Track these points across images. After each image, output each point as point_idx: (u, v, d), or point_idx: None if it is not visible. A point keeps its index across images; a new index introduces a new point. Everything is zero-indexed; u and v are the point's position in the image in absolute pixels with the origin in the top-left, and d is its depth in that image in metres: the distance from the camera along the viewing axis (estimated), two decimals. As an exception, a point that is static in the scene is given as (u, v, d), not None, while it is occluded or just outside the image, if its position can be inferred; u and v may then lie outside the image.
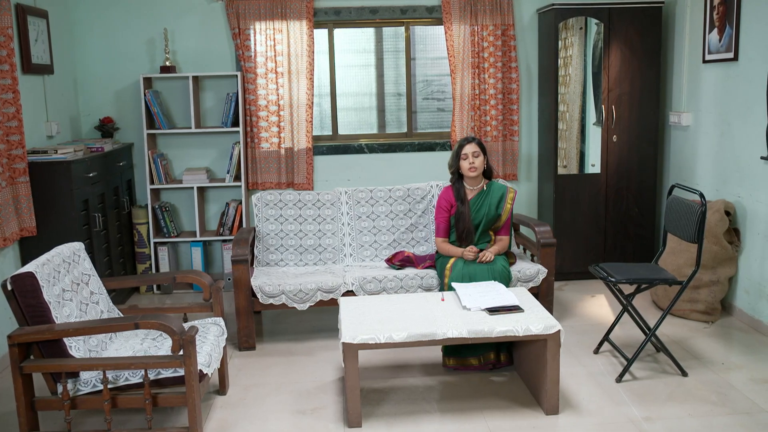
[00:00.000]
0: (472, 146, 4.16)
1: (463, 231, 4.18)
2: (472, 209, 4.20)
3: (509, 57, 5.61)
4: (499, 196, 4.23)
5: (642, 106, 5.34)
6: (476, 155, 4.15)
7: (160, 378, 3.01)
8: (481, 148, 4.18)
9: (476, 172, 4.16)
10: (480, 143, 4.19)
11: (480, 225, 4.19)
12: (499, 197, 4.23)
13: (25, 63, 4.50)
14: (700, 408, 3.39)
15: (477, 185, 4.24)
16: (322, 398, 3.60)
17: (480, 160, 4.16)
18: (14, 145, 4.13)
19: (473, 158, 4.15)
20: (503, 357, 3.89)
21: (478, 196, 4.22)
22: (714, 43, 4.76)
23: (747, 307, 4.52)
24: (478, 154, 4.15)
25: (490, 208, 4.19)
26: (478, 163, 4.15)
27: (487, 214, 4.18)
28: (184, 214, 5.74)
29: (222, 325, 3.53)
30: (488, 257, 4.05)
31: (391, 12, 5.61)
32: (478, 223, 4.19)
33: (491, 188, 4.25)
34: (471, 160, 4.15)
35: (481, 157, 4.16)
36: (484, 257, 4.04)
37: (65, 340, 2.99)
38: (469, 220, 4.17)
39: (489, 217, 4.18)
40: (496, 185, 4.28)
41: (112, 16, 5.42)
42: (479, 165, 4.16)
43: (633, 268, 3.89)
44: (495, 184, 4.28)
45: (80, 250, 3.46)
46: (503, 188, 4.27)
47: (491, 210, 4.19)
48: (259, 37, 5.41)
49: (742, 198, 4.53)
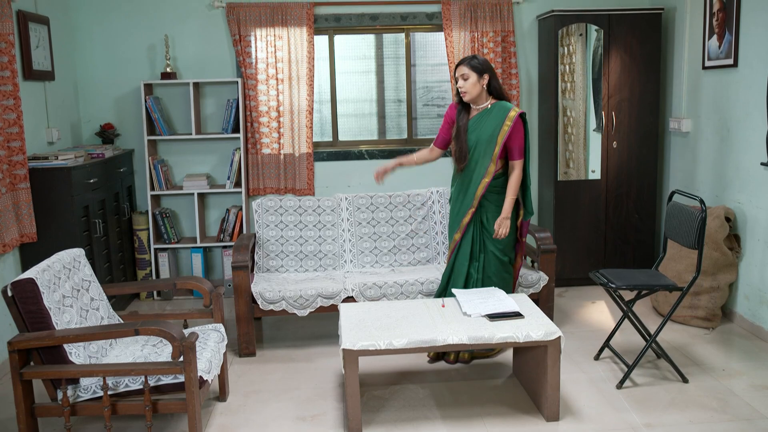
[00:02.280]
0: (461, 68, 3.88)
1: (458, 151, 3.97)
2: (469, 129, 3.94)
3: (509, 63, 5.62)
4: (499, 117, 3.89)
5: (642, 113, 5.35)
6: (465, 77, 3.85)
7: (160, 384, 3.01)
8: (474, 68, 3.84)
9: (468, 96, 3.87)
10: (472, 63, 3.86)
11: (475, 147, 3.92)
12: (499, 118, 3.89)
13: (26, 69, 4.51)
14: (700, 414, 3.39)
15: (481, 105, 3.95)
16: (323, 405, 3.59)
17: (470, 83, 3.85)
18: (15, 151, 4.13)
19: (462, 81, 3.87)
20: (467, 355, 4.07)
21: (479, 116, 3.94)
22: (714, 50, 4.77)
23: (747, 313, 4.52)
24: (468, 76, 3.84)
25: (486, 128, 3.89)
26: (468, 85, 3.85)
27: (481, 135, 3.89)
28: (185, 220, 5.74)
29: (222, 331, 3.52)
30: (503, 233, 3.91)
31: (391, 18, 5.63)
32: (473, 144, 3.93)
33: (494, 108, 3.92)
34: (460, 84, 3.88)
35: (471, 78, 3.84)
36: (499, 233, 3.91)
37: (65, 346, 2.98)
38: (463, 140, 3.93)
39: (482, 138, 3.89)
40: (500, 105, 3.92)
41: (113, 23, 5.43)
42: (469, 88, 3.85)
43: (633, 274, 3.89)
44: (500, 104, 3.93)
45: (80, 256, 3.47)
46: (507, 109, 3.89)
47: (486, 130, 3.89)
48: (260, 43, 5.42)
49: (743, 204, 4.53)
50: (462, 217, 4.02)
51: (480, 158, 3.92)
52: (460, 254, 4.04)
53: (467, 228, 4.02)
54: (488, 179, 3.91)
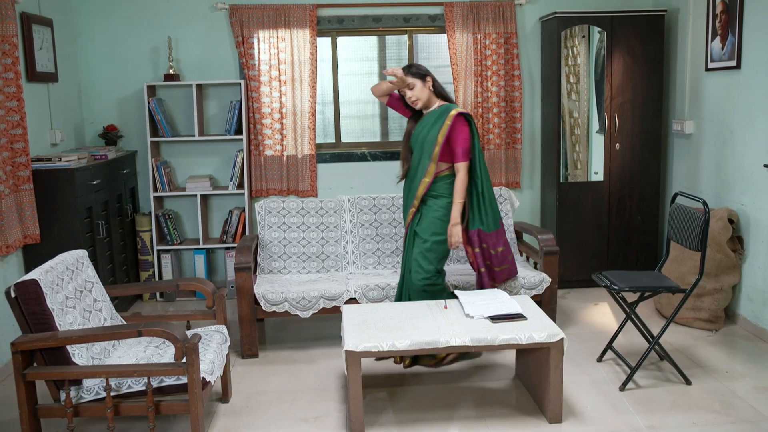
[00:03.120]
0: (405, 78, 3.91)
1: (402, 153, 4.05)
2: (416, 129, 3.96)
3: (512, 65, 5.62)
4: (442, 117, 3.87)
5: (645, 114, 5.35)
6: (411, 86, 3.87)
7: (162, 386, 3.01)
8: (415, 75, 3.86)
9: (420, 102, 3.89)
10: (411, 71, 3.87)
11: (421, 146, 3.90)
12: (441, 118, 3.87)
13: (30, 71, 4.52)
14: (703, 416, 3.38)
15: (432, 108, 3.96)
16: (325, 406, 3.59)
17: (418, 89, 3.87)
18: (18, 152, 4.14)
19: (409, 91, 3.89)
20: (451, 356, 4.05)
21: (426, 117, 3.95)
22: (716, 51, 4.77)
23: (750, 315, 4.51)
24: (413, 84, 3.86)
25: (429, 128, 3.88)
26: (417, 92, 3.87)
27: (425, 136, 3.88)
28: (188, 221, 5.74)
29: (225, 332, 3.53)
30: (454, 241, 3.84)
31: (394, 20, 5.63)
32: (419, 144, 3.91)
33: (440, 109, 3.91)
34: (409, 94, 3.90)
35: (417, 85, 3.86)
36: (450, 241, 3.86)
37: (68, 347, 2.99)
38: (405, 144, 4.02)
39: (426, 138, 3.87)
40: (445, 106, 3.92)
41: (116, 25, 5.44)
42: (418, 94, 3.87)
43: (636, 276, 3.89)
44: (446, 106, 3.93)
45: (84, 257, 3.47)
46: (450, 109, 3.87)
47: (428, 131, 3.87)
48: (263, 45, 5.43)
49: (745, 206, 4.53)
50: (406, 215, 4.05)
51: (422, 158, 3.90)
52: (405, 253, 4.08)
53: (408, 228, 4.04)
54: (429, 179, 3.88)
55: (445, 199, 3.91)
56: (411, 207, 3.97)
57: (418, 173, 3.94)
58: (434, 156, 3.85)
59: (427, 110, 3.96)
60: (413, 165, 3.98)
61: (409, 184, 4.03)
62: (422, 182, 3.90)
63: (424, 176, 3.89)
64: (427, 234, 3.91)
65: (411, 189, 3.99)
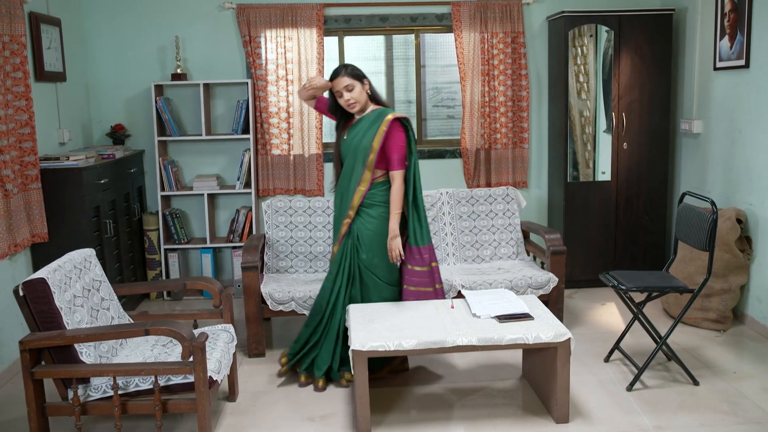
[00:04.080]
0: (342, 80, 3.64)
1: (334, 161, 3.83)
2: (349, 135, 3.72)
3: (519, 64, 5.61)
4: (377, 121, 3.64)
5: (652, 114, 5.33)
6: (350, 88, 3.64)
7: (170, 384, 3.02)
8: (355, 76, 3.64)
9: (358, 105, 3.67)
10: (350, 72, 3.64)
11: (354, 153, 3.67)
12: (377, 123, 3.64)
13: (38, 71, 4.54)
14: (711, 417, 3.37)
15: (363, 113, 3.75)
16: (332, 405, 3.60)
17: (357, 91, 3.64)
18: (27, 151, 4.16)
19: (348, 93, 3.65)
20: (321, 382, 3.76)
21: (359, 122, 3.72)
22: (725, 51, 4.75)
23: (759, 315, 4.49)
24: (352, 86, 3.63)
25: (363, 133, 3.65)
26: (356, 95, 3.64)
27: (359, 141, 3.65)
28: (195, 220, 5.76)
29: (232, 331, 3.53)
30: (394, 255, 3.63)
31: (401, 20, 5.63)
32: (352, 150, 3.68)
33: (374, 113, 3.70)
34: (347, 96, 3.65)
35: (356, 87, 3.64)
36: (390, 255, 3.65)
37: (76, 346, 3.00)
38: (337, 151, 3.79)
39: (360, 144, 3.64)
40: (381, 110, 3.71)
41: (124, 24, 5.46)
42: (357, 96, 3.64)
43: (644, 276, 3.88)
44: (381, 110, 3.72)
45: (91, 256, 3.48)
46: (386, 113, 3.66)
47: (363, 136, 3.65)
48: (270, 44, 5.43)
49: (754, 206, 4.51)
50: (339, 226, 3.78)
51: (356, 165, 3.68)
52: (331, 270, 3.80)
53: (343, 241, 3.76)
54: (364, 188, 3.66)
55: (378, 208, 3.71)
56: (345, 218, 3.72)
57: (351, 181, 3.70)
58: (369, 163, 3.63)
59: (361, 115, 3.74)
60: (345, 173, 3.74)
61: (341, 194, 3.78)
62: (357, 191, 3.67)
63: (359, 185, 3.67)
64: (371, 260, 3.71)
65: (344, 199, 3.74)
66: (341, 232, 3.75)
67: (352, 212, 3.71)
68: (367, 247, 3.71)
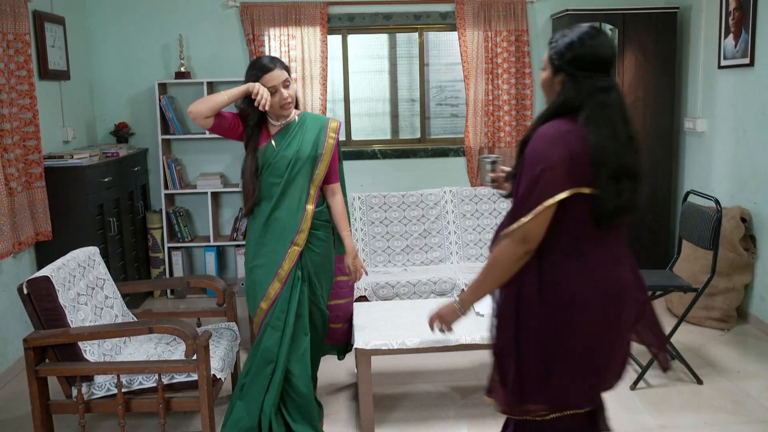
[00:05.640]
0: (280, 73, 2.96)
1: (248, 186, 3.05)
2: (277, 150, 3.03)
3: (523, 63, 5.60)
4: (317, 128, 3.08)
5: (657, 112, 5.32)
6: (287, 84, 2.98)
7: (173, 382, 3.03)
8: (288, 69, 3.03)
9: (292, 104, 3.04)
10: (286, 65, 3.03)
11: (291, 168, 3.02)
12: (317, 131, 3.08)
13: (42, 69, 4.55)
14: (715, 416, 3.36)
15: (284, 119, 3.08)
16: (335, 404, 3.60)
17: (293, 88, 3.03)
18: (31, 150, 4.17)
19: (284, 89, 2.98)
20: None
21: (286, 132, 3.07)
22: (729, 49, 4.73)
23: (763, 314, 4.48)
24: (288, 82, 2.99)
25: (304, 144, 3.04)
26: (293, 92, 3.02)
27: (297, 154, 3.02)
28: (198, 219, 5.76)
29: (235, 329, 3.54)
30: (360, 275, 3.27)
31: (404, 18, 5.62)
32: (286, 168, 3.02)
33: (306, 119, 3.11)
34: (285, 94, 2.98)
35: (292, 84, 3.02)
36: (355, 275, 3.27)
37: (80, 343, 3.01)
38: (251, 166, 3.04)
39: (297, 157, 3.02)
40: (311, 115, 3.16)
41: (128, 23, 5.46)
42: (293, 93, 3.03)
43: (647, 274, 3.86)
44: (309, 114, 3.17)
45: (95, 254, 3.49)
46: (323, 119, 3.15)
47: (305, 147, 3.03)
48: (274, 42, 5.43)
49: (758, 204, 4.49)
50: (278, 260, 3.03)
51: (295, 181, 3.05)
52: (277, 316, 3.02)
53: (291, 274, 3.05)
54: (312, 206, 3.09)
55: (326, 229, 3.20)
56: (293, 245, 3.03)
57: (287, 202, 3.05)
58: (316, 178, 3.08)
59: (277, 121, 3.08)
60: (273, 194, 3.05)
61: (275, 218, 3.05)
62: (306, 211, 3.05)
63: (306, 203, 3.06)
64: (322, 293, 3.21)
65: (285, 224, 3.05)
66: (286, 266, 3.03)
67: (301, 237, 3.05)
68: (319, 277, 3.17)
